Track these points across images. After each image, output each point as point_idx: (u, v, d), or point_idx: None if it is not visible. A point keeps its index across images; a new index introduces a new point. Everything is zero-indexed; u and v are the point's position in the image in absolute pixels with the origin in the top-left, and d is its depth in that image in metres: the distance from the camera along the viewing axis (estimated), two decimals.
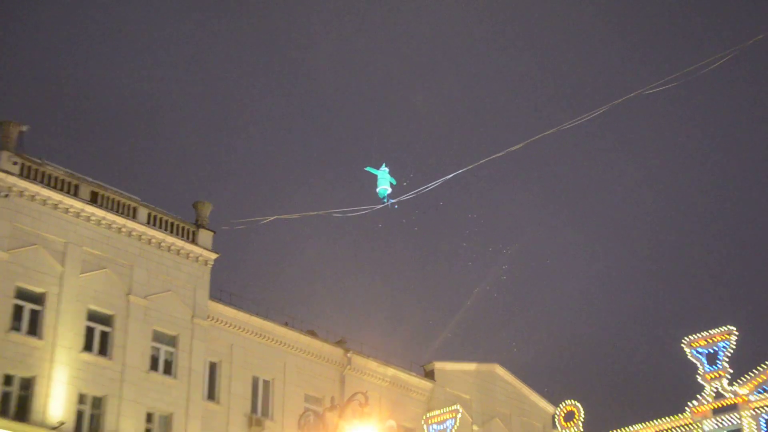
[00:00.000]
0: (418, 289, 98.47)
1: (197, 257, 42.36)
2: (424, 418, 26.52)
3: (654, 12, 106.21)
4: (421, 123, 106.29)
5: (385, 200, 29.40)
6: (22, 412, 35.31)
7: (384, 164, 29.67)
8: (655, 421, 21.52)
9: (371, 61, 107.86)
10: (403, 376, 49.54)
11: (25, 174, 37.76)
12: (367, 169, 29.72)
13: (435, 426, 24.78)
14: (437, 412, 25.04)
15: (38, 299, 37.00)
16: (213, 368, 42.91)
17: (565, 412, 22.31)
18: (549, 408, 54.29)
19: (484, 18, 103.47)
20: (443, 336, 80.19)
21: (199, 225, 43.00)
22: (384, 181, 29.35)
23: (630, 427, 21.73)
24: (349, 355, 47.35)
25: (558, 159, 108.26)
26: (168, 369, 40.21)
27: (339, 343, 47.93)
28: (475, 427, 50.53)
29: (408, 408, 48.32)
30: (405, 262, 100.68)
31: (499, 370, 54.22)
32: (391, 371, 48.94)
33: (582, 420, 21.58)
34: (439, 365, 51.76)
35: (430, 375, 51.28)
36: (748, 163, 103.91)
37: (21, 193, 37.28)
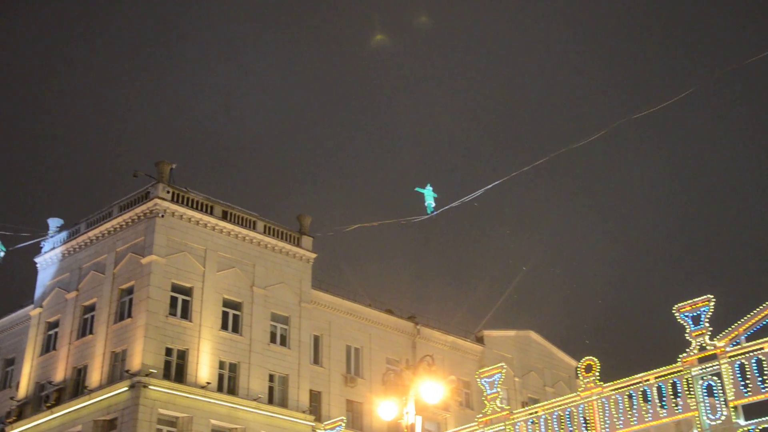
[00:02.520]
0: (471, 275, 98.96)
1: (301, 257, 43.83)
2: (477, 373, 27.26)
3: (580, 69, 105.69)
4: (463, 151, 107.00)
5: (430, 211, 30.01)
6: (180, 376, 37.09)
7: (429, 184, 30.40)
8: (654, 370, 21.93)
9: (429, 108, 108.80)
10: (459, 341, 50.68)
11: (175, 199, 39.83)
12: (417, 189, 30.40)
13: (486, 379, 25.55)
14: (487, 368, 25.69)
15: (187, 292, 39.10)
16: (316, 340, 44.61)
17: (585, 365, 22.85)
18: (572, 362, 54.67)
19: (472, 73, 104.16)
20: (491, 310, 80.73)
21: (302, 233, 44.63)
22: (429, 197, 30.14)
23: (635, 375, 22.14)
24: (418, 327, 48.65)
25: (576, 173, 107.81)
26: (283, 341, 41.99)
27: (410, 318, 49.24)
28: (516, 379, 51.46)
29: (464, 366, 49.39)
30: (460, 255, 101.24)
31: (533, 335, 54.99)
32: (450, 338, 50.13)
33: (598, 371, 22.13)
34: (487, 333, 52.97)
35: (480, 340, 52.41)
36: (721, 176, 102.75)
37: (172, 214, 39.32)
